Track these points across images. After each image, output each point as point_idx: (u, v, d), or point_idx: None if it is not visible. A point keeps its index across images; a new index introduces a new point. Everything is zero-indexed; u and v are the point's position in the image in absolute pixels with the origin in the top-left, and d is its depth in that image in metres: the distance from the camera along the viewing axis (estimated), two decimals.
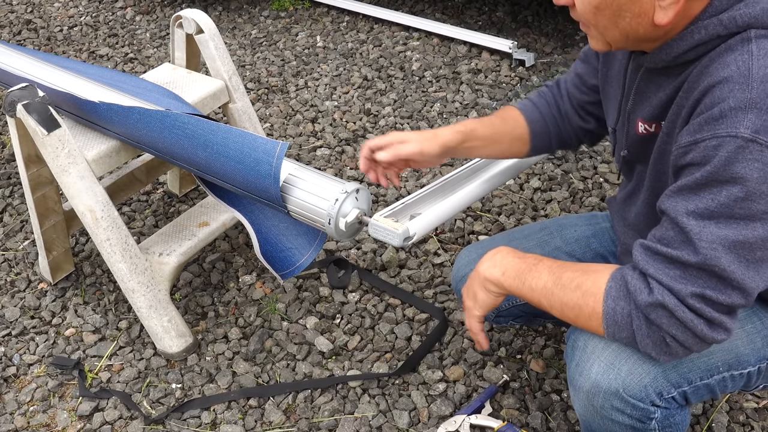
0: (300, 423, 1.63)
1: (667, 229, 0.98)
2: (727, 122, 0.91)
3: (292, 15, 3.67)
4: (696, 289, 0.94)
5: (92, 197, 1.63)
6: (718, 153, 0.91)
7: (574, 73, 1.40)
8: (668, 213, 0.98)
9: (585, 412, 1.15)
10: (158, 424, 1.65)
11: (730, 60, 0.95)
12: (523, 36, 3.26)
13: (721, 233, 0.92)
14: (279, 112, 2.83)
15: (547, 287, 1.09)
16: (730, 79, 0.93)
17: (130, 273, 1.70)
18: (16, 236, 2.25)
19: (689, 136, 0.96)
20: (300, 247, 1.63)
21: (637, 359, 1.07)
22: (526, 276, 1.12)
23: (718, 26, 0.97)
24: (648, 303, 0.97)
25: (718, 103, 0.93)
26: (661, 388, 1.08)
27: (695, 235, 0.93)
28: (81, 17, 3.78)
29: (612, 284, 1.02)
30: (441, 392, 1.67)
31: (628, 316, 1.00)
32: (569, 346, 1.17)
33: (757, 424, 1.57)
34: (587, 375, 1.10)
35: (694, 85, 0.99)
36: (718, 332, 0.96)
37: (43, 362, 1.83)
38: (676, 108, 1.04)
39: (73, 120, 1.76)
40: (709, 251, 0.92)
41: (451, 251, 2.09)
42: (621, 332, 1.02)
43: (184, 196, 2.37)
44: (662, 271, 0.97)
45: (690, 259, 0.94)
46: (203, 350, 1.83)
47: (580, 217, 1.56)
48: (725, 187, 0.91)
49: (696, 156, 0.94)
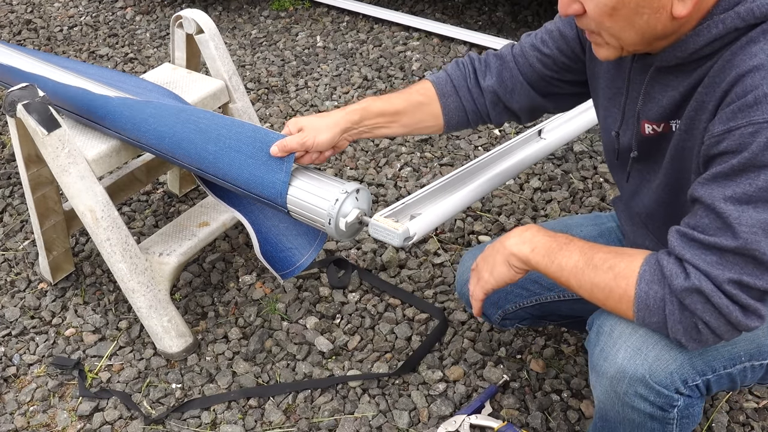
0: (300, 423, 1.63)
1: (701, 217, 0.97)
2: (763, 108, 0.91)
3: (292, 15, 3.67)
4: (733, 275, 0.94)
5: (92, 197, 1.63)
6: (756, 139, 0.91)
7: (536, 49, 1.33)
8: (703, 200, 0.97)
9: (606, 398, 1.14)
10: (158, 424, 1.65)
11: (756, 50, 0.94)
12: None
13: (761, 217, 0.92)
14: (279, 112, 2.83)
15: (579, 266, 1.07)
16: (761, 67, 0.92)
17: (130, 273, 1.70)
18: (16, 236, 2.25)
19: (722, 124, 0.95)
20: (300, 247, 1.63)
21: (665, 345, 1.06)
22: (556, 254, 1.11)
23: (736, 19, 0.96)
24: (684, 288, 0.96)
25: (751, 91, 0.92)
26: (687, 375, 1.08)
27: (734, 220, 0.93)
28: (81, 17, 3.78)
29: (646, 268, 1.01)
30: (441, 392, 1.67)
31: (660, 301, 1.00)
32: (593, 332, 1.16)
33: (757, 424, 1.57)
34: (613, 360, 1.09)
35: (717, 79, 0.99)
36: (752, 319, 0.96)
37: (43, 362, 1.83)
38: (696, 104, 1.03)
39: (73, 120, 1.76)
40: (750, 235, 0.92)
41: (451, 251, 2.09)
42: (651, 317, 1.01)
43: (184, 196, 2.37)
44: (699, 256, 0.96)
45: (729, 244, 0.93)
46: (203, 350, 1.83)
47: (585, 217, 1.56)
48: (763, 172, 0.91)
49: (731, 144, 0.94)
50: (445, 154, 2.52)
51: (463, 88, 1.39)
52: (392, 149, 2.55)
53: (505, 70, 1.37)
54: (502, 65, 1.37)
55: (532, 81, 1.35)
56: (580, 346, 1.76)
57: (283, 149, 1.31)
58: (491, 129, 2.63)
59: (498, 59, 1.39)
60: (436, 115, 1.39)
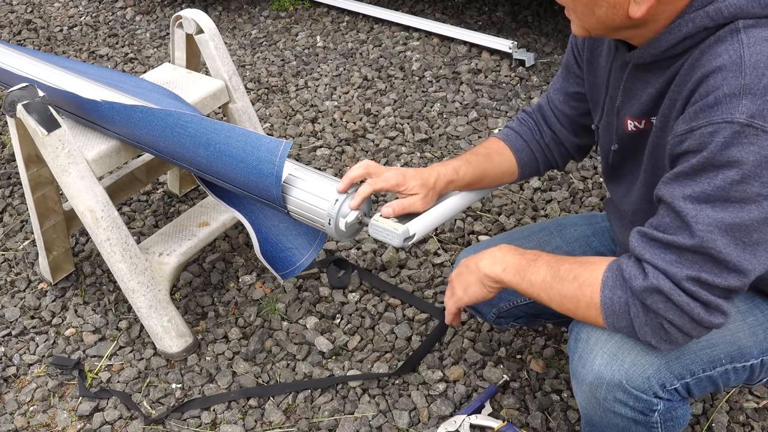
0: (300, 423, 1.63)
1: (663, 216, 0.99)
2: (722, 108, 0.92)
3: (292, 15, 3.67)
4: (691, 273, 0.95)
5: (92, 197, 1.63)
6: (715, 139, 0.92)
7: (560, 91, 1.40)
8: (665, 199, 0.98)
9: (587, 404, 1.15)
10: (158, 424, 1.65)
11: (721, 50, 0.96)
12: (523, 36, 3.26)
13: (717, 216, 0.93)
14: (279, 112, 2.83)
15: (546, 281, 1.10)
16: (723, 67, 0.94)
17: (130, 273, 1.70)
18: (16, 236, 2.25)
19: (685, 124, 0.96)
20: (300, 247, 1.63)
21: (640, 350, 1.07)
22: (525, 271, 1.13)
23: (704, 18, 0.98)
24: (643, 288, 0.97)
25: (712, 91, 0.94)
26: (664, 379, 1.08)
27: (691, 219, 0.94)
28: (81, 17, 3.78)
29: (608, 274, 1.03)
30: (441, 392, 1.67)
31: (625, 305, 1.01)
32: (572, 339, 1.17)
33: (757, 424, 1.57)
34: (590, 367, 1.10)
35: (686, 78, 1.00)
36: (715, 315, 0.97)
37: (43, 362, 1.83)
38: (669, 101, 1.05)
39: (73, 120, 1.76)
40: (705, 234, 0.93)
41: (451, 251, 2.09)
42: (620, 321, 1.02)
43: (184, 196, 2.37)
44: (657, 255, 0.97)
45: (686, 243, 0.94)
46: (203, 350, 1.83)
47: (580, 216, 1.56)
48: (721, 171, 0.92)
49: (692, 143, 0.95)
50: (445, 154, 2.52)
51: (533, 141, 1.44)
52: (392, 149, 2.55)
53: (549, 119, 1.44)
54: (544, 116, 1.45)
55: (565, 124, 1.42)
56: None
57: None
58: (490, 129, 2.63)
59: (539, 111, 1.46)
60: (512, 170, 1.43)
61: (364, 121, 2.73)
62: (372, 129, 2.69)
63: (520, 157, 1.43)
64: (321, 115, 2.79)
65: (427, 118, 2.73)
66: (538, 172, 1.48)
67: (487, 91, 2.86)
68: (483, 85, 2.91)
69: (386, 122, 2.71)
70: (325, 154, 2.55)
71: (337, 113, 2.79)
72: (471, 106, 2.77)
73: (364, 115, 2.77)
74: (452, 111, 2.76)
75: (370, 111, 2.78)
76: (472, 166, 1.36)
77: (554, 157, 1.45)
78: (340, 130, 2.68)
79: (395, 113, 2.76)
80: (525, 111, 1.48)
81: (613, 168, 1.29)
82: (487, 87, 2.89)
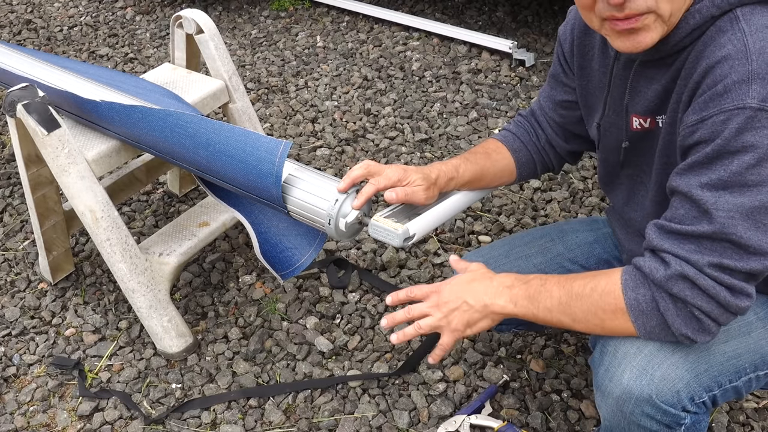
0: (300, 423, 1.63)
1: (677, 208, 0.98)
2: (732, 96, 0.92)
3: (292, 15, 3.67)
4: (713, 259, 0.94)
5: (92, 197, 1.63)
6: (728, 126, 0.92)
7: (548, 99, 1.41)
8: (680, 190, 0.98)
9: (612, 417, 1.13)
10: (158, 424, 1.65)
11: (724, 41, 0.95)
12: (523, 36, 3.26)
13: (737, 201, 0.93)
14: (279, 112, 2.83)
15: (563, 302, 1.07)
16: (729, 56, 0.94)
17: (130, 273, 1.70)
18: (16, 236, 2.25)
19: (695, 115, 0.96)
20: (300, 247, 1.63)
21: (670, 365, 1.05)
22: (537, 299, 1.10)
23: (711, 8, 0.98)
24: (667, 276, 0.97)
25: (720, 80, 0.93)
26: (694, 393, 1.07)
27: (711, 206, 0.94)
28: (81, 17, 3.78)
29: (626, 276, 1.01)
30: (441, 392, 1.67)
31: (652, 301, 0.99)
32: (597, 351, 1.14)
33: (757, 424, 1.57)
34: (618, 381, 1.08)
35: (691, 71, 1.00)
36: (741, 299, 0.96)
37: (43, 362, 1.83)
38: (676, 97, 1.04)
39: (73, 120, 1.76)
40: (726, 220, 0.93)
41: (451, 251, 2.09)
42: (650, 321, 1.01)
43: (184, 196, 2.37)
44: (677, 245, 0.97)
45: (705, 230, 0.94)
46: (203, 350, 1.83)
47: (581, 222, 1.55)
48: (737, 157, 0.92)
49: (704, 133, 0.95)
50: (445, 154, 2.52)
51: (530, 143, 1.45)
52: (392, 149, 2.55)
53: (542, 124, 1.45)
54: (537, 121, 1.46)
55: (556, 130, 1.43)
56: (581, 346, 1.76)
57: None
58: (490, 129, 2.63)
59: (533, 115, 1.47)
60: (511, 170, 1.44)
61: (364, 121, 2.73)
62: (372, 129, 2.69)
63: (518, 158, 1.43)
64: (321, 115, 2.79)
65: (427, 118, 2.73)
66: (535, 174, 1.48)
67: (487, 91, 2.86)
68: (483, 85, 2.91)
69: (386, 122, 2.71)
70: (325, 154, 2.55)
71: (337, 113, 2.79)
72: (471, 106, 2.77)
73: (364, 115, 2.77)
74: (452, 111, 2.76)
75: (370, 111, 2.78)
76: (472, 164, 1.36)
77: (550, 159, 1.46)
78: (340, 130, 2.68)
79: (395, 113, 2.76)
80: (521, 114, 1.49)
81: (612, 174, 1.28)
82: (487, 87, 2.89)
